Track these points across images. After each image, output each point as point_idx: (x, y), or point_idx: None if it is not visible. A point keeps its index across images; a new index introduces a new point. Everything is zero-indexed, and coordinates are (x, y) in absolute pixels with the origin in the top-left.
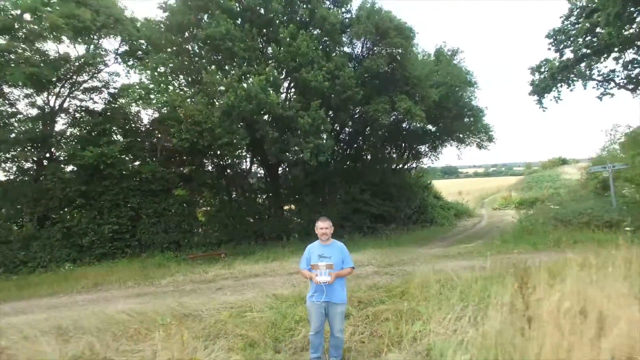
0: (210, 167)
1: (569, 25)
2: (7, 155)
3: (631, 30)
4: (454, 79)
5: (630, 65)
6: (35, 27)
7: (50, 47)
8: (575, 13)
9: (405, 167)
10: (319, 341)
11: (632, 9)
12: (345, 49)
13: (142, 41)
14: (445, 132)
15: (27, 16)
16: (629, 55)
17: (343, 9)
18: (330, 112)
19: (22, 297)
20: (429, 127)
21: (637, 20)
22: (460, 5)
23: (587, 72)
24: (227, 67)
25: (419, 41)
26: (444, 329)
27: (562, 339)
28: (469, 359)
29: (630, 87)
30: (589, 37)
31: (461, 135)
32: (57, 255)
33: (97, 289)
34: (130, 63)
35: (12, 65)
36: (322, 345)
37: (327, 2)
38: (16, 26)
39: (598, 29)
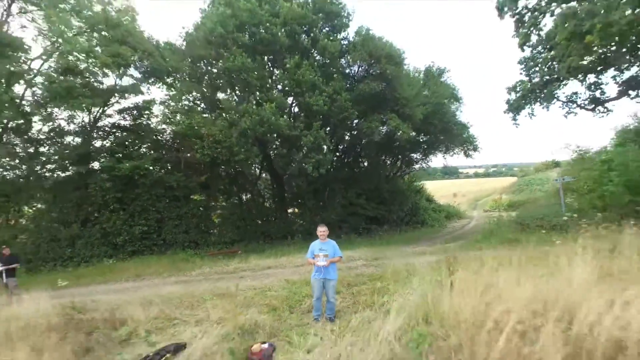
0: (223, 175)
1: (537, 54)
2: (56, 166)
3: (584, 62)
4: (439, 98)
5: (592, 87)
6: (90, 66)
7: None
8: (539, 47)
9: (399, 173)
10: (319, 305)
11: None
12: (344, 70)
13: (164, 62)
14: (433, 144)
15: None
16: (592, 78)
17: (341, 35)
18: (329, 127)
19: (83, 284)
20: (418, 139)
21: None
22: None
23: (552, 95)
24: (242, 94)
25: (410, 59)
26: (402, 298)
27: (463, 298)
28: (407, 311)
29: (590, 107)
30: (551, 66)
31: (448, 145)
32: (96, 252)
33: (141, 278)
34: (151, 81)
35: (73, 96)
36: (321, 308)
37: (327, 28)
38: (76, 67)
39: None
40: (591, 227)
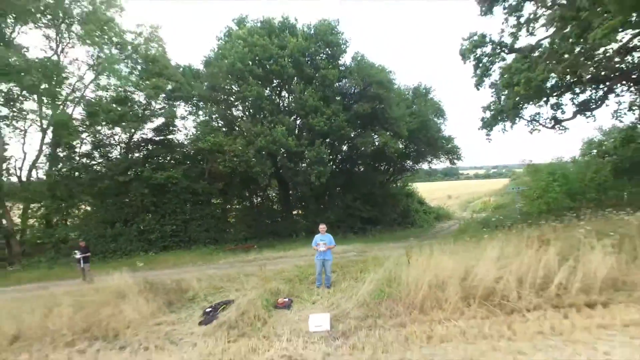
0: (238, 182)
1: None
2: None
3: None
4: (424, 115)
5: (555, 107)
6: (137, 97)
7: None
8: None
9: (391, 179)
10: (320, 278)
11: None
12: (341, 91)
13: (189, 88)
14: (420, 154)
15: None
16: (553, 100)
17: (339, 61)
18: (328, 141)
19: (139, 269)
20: (406, 151)
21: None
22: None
23: (517, 115)
24: (258, 116)
25: (401, 75)
26: (375, 273)
27: (411, 271)
28: (376, 277)
29: (550, 125)
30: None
31: (434, 154)
32: (134, 246)
33: (179, 267)
34: (178, 103)
35: (125, 121)
36: (321, 280)
37: (326, 55)
38: (127, 97)
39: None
40: (531, 226)
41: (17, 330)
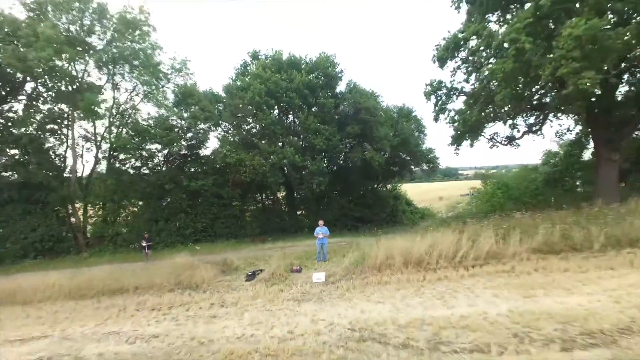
0: (254, 188)
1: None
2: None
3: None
4: (406, 133)
5: (512, 127)
6: (176, 122)
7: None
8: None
9: (380, 184)
10: (319, 256)
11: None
12: (337, 113)
13: (215, 114)
14: (402, 165)
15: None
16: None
17: (336, 89)
18: (326, 154)
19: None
20: (389, 164)
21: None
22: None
23: (478, 134)
24: (272, 138)
25: (387, 95)
26: (355, 253)
27: (378, 251)
28: (355, 255)
29: (506, 143)
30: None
31: (416, 164)
32: (173, 240)
33: (216, 253)
34: (206, 125)
35: (172, 142)
36: (320, 257)
37: (324, 83)
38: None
39: None
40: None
41: (135, 284)
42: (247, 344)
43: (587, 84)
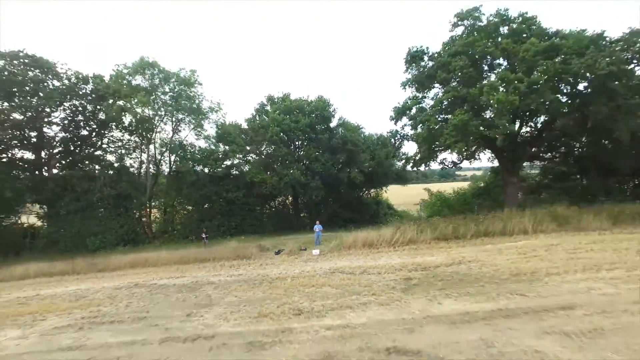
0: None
1: None
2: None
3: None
4: (381, 157)
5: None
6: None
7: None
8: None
9: (363, 193)
10: (316, 242)
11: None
12: (330, 146)
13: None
14: (377, 181)
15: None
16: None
17: (331, 123)
18: (322, 174)
19: (240, 242)
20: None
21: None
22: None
23: (428, 162)
24: (285, 162)
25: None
26: (337, 240)
27: (351, 238)
28: (336, 242)
29: (451, 166)
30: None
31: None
32: (214, 234)
33: (250, 242)
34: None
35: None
36: (317, 242)
37: (321, 121)
38: (213, 153)
39: None
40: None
41: (213, 256)
42: (282, 275)
43: (461, 148)
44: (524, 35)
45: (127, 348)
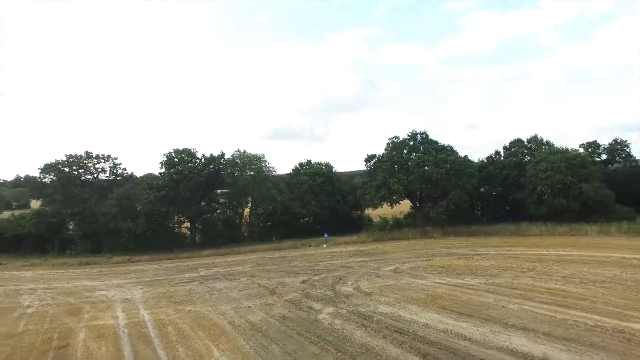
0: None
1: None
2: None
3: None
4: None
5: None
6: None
7: None
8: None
9: (350, 212)
10: (325, 242)
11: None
12: (327, 192)
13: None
14: (359, 206)
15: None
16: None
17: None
18: (330, 208)
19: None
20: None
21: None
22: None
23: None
24: (310, 203)
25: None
26: (332, 242)
27: (344, 240)
28: (331, 242)
29: (402, 200)
30: None
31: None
32: (261, 234)
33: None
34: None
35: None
36: (325, 242)
37: (327, 178)
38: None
39: None
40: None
41: (268, 248)
42: (311, 254)
43: (391, 197)
44: (420, 149)
45: (278, 279)
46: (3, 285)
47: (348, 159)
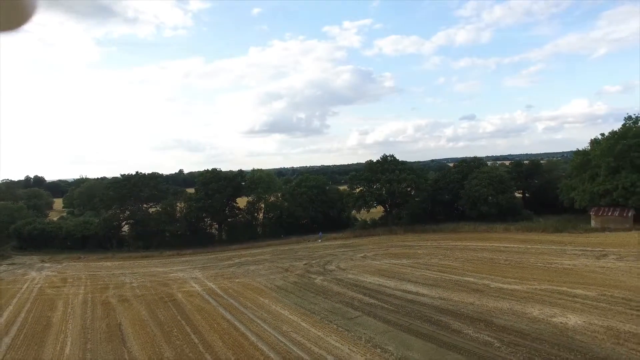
0: None
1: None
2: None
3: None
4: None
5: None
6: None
7: None
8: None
9: (340, 215)
10: (319, 238)
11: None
12: (322, 200)
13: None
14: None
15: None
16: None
17: (326, 188)
18: (323, 212)
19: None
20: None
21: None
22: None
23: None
24: (309, 207)
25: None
26: (325, 237)
27: (335, 235)
28: (324, 238)
29: (374, 206)
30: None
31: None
32: (272, 232)
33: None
34: None
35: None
36: (320, 239)
37: (320, 188)
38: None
39: None
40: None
41: (279, 242)
42: (306, 247)
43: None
44: (389, 169)
45: (289, 263)
46: (98, 271)
47: (344, 152)
